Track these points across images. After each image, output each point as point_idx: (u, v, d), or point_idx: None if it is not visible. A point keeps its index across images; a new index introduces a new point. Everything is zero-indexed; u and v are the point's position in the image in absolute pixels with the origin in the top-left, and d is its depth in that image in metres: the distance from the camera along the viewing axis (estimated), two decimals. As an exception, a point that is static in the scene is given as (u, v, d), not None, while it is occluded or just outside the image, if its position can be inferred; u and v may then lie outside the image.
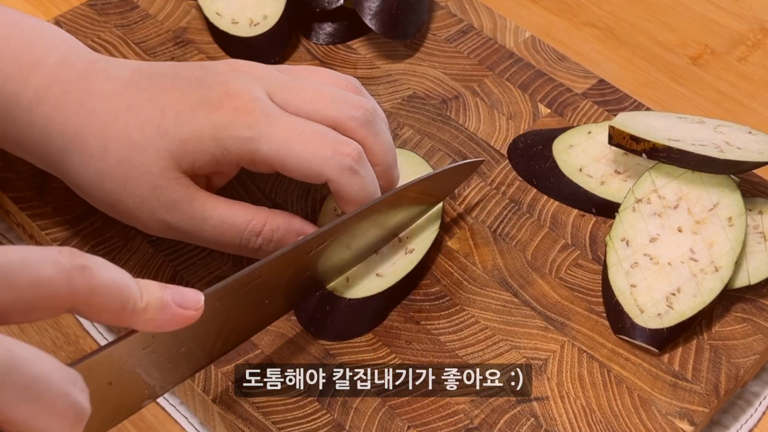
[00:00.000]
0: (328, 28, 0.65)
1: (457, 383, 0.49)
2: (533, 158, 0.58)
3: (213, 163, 0.48)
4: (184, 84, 0.49)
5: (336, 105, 0.49)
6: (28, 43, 0.49)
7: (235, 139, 0.47)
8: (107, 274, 0.34)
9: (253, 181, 0.56)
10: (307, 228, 0.50)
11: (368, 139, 0.49)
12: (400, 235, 0.53)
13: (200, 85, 0.48)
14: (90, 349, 0.53)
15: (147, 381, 0.41)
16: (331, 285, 0.50)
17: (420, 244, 0.52)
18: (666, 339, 0.49)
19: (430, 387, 0.48)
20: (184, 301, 0.37)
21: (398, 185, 0.51)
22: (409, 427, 0.47)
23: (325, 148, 0.47)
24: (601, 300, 0.52)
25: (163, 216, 0.48)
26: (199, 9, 0.65)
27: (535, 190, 0.57)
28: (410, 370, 0.49)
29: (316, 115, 0.49)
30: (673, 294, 0.50)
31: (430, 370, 0.49)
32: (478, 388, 0.49)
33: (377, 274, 0.51)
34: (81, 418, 0.32)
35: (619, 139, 0.53)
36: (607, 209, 0.55)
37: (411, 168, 0.55)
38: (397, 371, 0.49)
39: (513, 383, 0.49)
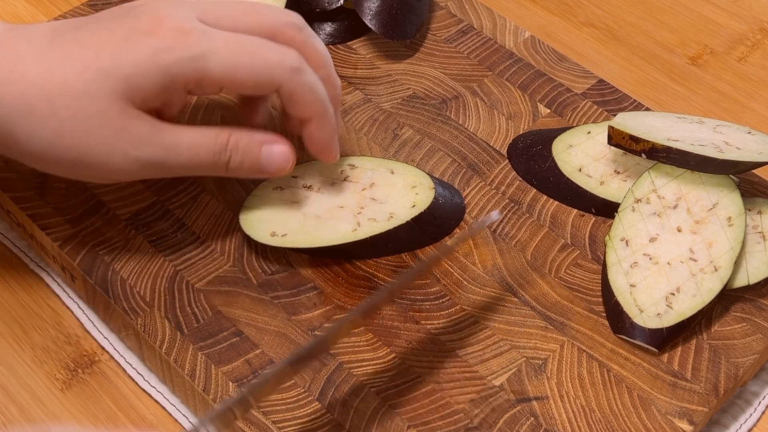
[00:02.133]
0: (328, 28, 0.65)
1: (457, 383, 0.49)
2: (533, 158, 0.58)
3: (162, 93, 0.47)
4: (110, 23, 0.48)
5: (270, 13, 0.50)
6: None
7: (179, 61, 0.47)
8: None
9: (253, 181, 0.56)
10: (270, 138, 0.51)
11: (305, 44, 0.50)
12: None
13: (126, 18, 0.48)
14: (90, 348, 0.53)
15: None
16: None
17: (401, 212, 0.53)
18: (665, 339, 0.49)
19: (430, 387, 0.49)
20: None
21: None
22: (409, 427, 0.47)
23: (271, 54, 0.48)
24: (600, 300, 0.52)
25: (136, 154, 0.47)
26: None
27: (534, 190, 0.57)
28: (410, 369, 0.49)
29: (252, 26, 0.49)
30: (673, 294, 0.50)
31: (430, 370, 0.49)
32: (477, 387, 0.49)
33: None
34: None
35: (618, 139, 0.53)
36: (607, 209, 0.55)
37: (414, 179, 0.55)
38: (397, 371, 0.49)
39: (512, 383, 0.49)
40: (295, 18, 0.51)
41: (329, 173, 0.55)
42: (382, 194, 0.54)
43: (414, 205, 0.53)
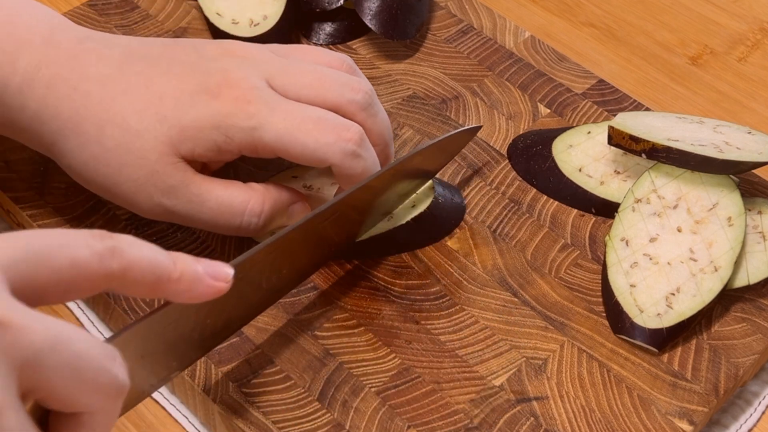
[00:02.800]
0: (328, 28, 0.65)
1: (457, 383, 0.49)
2: (533, 158, 0.58)
3: (215, 151, 0.48)
4: (180, 69, 0.48)
5: (336, 89, 0.50)
6: (9, 23, 0.48)
7: (237, 128, 0.47)
8: (138, 251, 0.35)
9: (252, 181, 0.56)
10: (295, 198, 0.51)
11: (368, 121, 0.50)
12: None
13: (197, 71, 0.48)
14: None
15: (175, 355, 0.42)
16: None
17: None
18: (665, 339, 0.49)
19: (430, 387, 0.49)
20: (216, 274, 0.38)
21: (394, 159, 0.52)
22: (409, 427, 0.47)
23: (327, 135, 0.48)
24: (600, 300, 0.52)
25: (161, 200, 0.48)
26: (200, 9, 0.65)
27: (534, 190, 0.57)
28: (410, 369, 0.49)
29: (317, 99, 0.49)
30: (673, 294, 0.50)
31: (430, 370, 0.49)
32: (477, 387, 0.49)
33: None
34: (121, 392, 0.33)
35: (618, 139, 0.53)
36: (607, 209, 0.55)
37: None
38: (397, 371, 0.49)
39: (513, 383, 0.49)
40: (362, 95, 0.50)
41: (329, 174, 0.55)
42: (384, 195, 0.54)
43: (414, 205, 0.53)
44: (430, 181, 0.54)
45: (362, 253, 0.53)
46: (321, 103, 0.49)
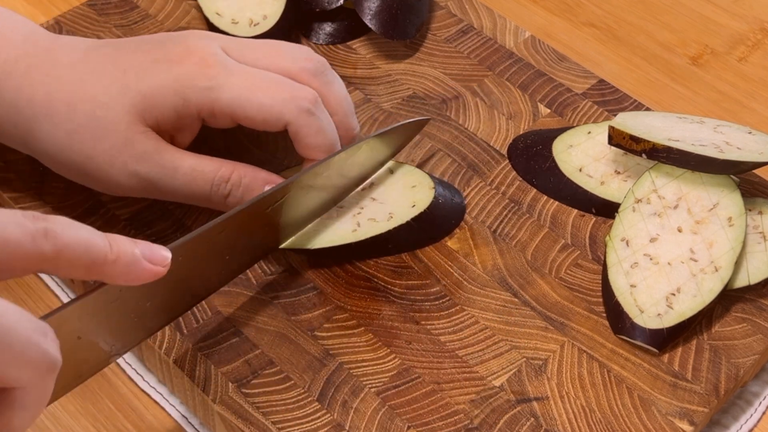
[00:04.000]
0: (328, 28, 0.65)
1: (457, 383, 0.49)
2: (533, 158, 0.58)
3: (175, 116, 0.49)
4: (146, 46, 0.51)
5: (289, 57, 0.52)
6: None
7: (195, 89, 0.49)
8: (73, 232, 0.35)
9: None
10: (274, 178, 0.51)
11: (323, 88, 0.52)
12: (377, 197, 0.54)
13: (161, 45, 0.51)
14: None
15: (114, 336, 0.42)
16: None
17: (401, 213, 0.53)
18: (666, 339, 0.49)
19: (430, 387, 0.49)
20: (153, 257, 0.39)
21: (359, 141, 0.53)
22: (409, 427, 0.47)
23: (283, 92, 0.50)
24: (601, 300, 0.52)
25: (135, 168, 0.49)
26: (199, 9, 0.65)
27: (535, 190, 0.57)
28: (410, 370, 0.49)
29: (272, 66, 0.51)
30: (673, 294, 0.50)
31: (430, 370, 0.49)
32: (477, 388, 0.49)
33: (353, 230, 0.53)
34: (52, 368, 0.33)
35: (618, 139, 0.53)
36: (607, 209, 0.55)
37: (414, 178, 0.55)
38: (397, 371, 0.49)
39: (513, 383, 0.49)
40: (314, 63, 0.52)
41: None
42: (382, 194, 0.54)
43: (414, 205, 0.53)
44: (430, 181, 0.54)
45: (362, 254, 0.53)
46: (276, 70, 0.51)
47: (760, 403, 0.53)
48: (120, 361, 0.53)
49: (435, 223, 0.54)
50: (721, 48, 0.70)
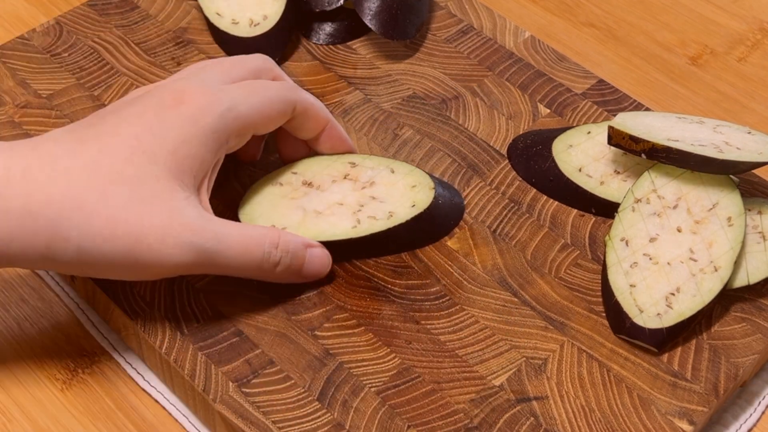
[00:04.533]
0: (328, 28, 0.65)
1: (457, 383, 0.49)
2: (533, 158, 0.58)
3: (210, 155, 0.49)
4: (129, 110, 0.48)
5: (248, 60, 0.53)
6: None
7: (217, 117, 0.48)
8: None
9: (252, 181, 0.56)
10: (309, 240, 0.51)
11: (280, 76, 0.55)
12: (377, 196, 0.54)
13: (146, 101, 0.48)
14: (90, 349, 0.53)
15: None
16: None
17: (402, 212, 0.53)
18: (665, 339, 0.49)
19: (430, 387, 0.49)
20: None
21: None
22: (409, 427, 0.47)
23: (274, 87, 0.52)
24: (600, 300, 0.52)
25: (189, 239, 0.46)
26: (200, 9, 0.65)
27: (534, 190, 0.57)
28: (410, 369, 0.49)
29: (243, 74, 0.52)
30: (673, 294, 0.50)
31: (430, 370, 0.49)
32: (477, 387, 0.49)
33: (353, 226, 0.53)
34: None
35: (618, 139, 0.53)
36: (607, 209, 0.55)
37: (414, 179, 0.55)
38: (397, 371, 0.49)
39: (512, 383, 0.49)
40: (266, 58, 0.54)
41: (329, 170, 0.55)
42: (382, 193, 0.54)
43: (414, 205, 0.53)
44: (431, 181, 0.54)
45: (360, 252, 0.53)
46: (246, 76, 0.52)
47: (760, 402, 0.53)
48: (120, 360, 0.53)
49: (434, 223, 0.54)
50: (720, 48, 0.70)
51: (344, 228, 0.52)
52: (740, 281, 0.51)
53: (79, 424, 0.50)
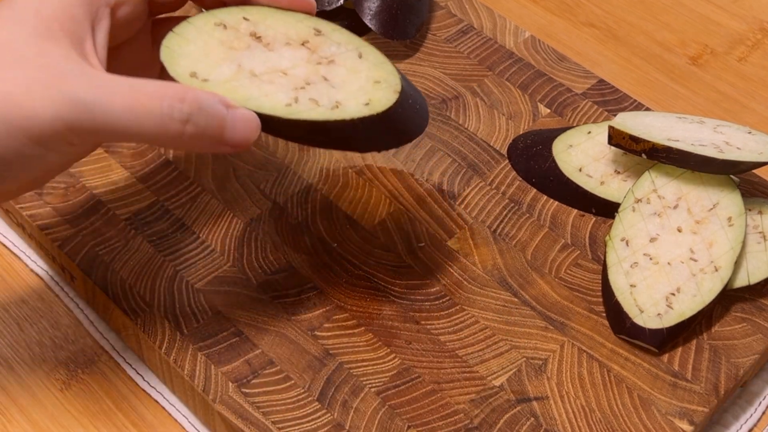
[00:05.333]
0: (328, 28, 0.65)
1: (457, 383, 0.49)
2: (533, 158, 0.58)
3: (79, 9, 0.42)
4: None
5: None
6: None
7: None
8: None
9: (253, 181, 0.56)
10: (227, 99, 0.43)
11: None
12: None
13: None
14: (90, 349, 0.53)
15: None
16: None
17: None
18: (665, 339, 0.49)
19: (430, 387, 0.49)
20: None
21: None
22: (409, 427, 0.47)
23: None
24: (600, 300, 0.52)
25: (61, 87, 0.39)
26: (200, 10, 0.65)
27: (534, 190, 0.57)
28: (410, 369, 0.49)
29: None
30: (673, 294, 0.50)
31: (430, 370, 0.49)
32: (477, 387, 0.49)
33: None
34: None
35: (618, 139, 0.53)
36: (607, 209, 0.55)
37: (381, 73, 0.46)
38: (397, 371, 0.49)
39: (513, 383, 0.49)
40: None
41: (287, 29, 0.46)
42: (338, 77, 0.45)
43: (368, 103, 0.44)
44: (399, 82, 0.46)
45: (292, 137, 0.45)
46: None
47: (760, 402, 0.53)
48: (120, 360, 0.53)
49: (384, 132, 0.45)
50: (720, 48, 0.70)
51: (275, 102, 0.44)
52: (741, 281, 0.51)
53: (78, 424, 0.50)
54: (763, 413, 0.53)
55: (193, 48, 0.45)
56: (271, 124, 0.44)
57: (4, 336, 0.53)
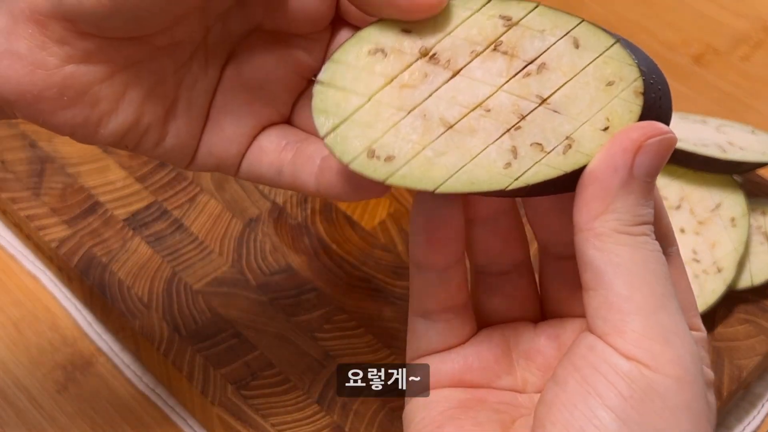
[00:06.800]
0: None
1: (458, 385, 0.48)
2: (534, 158, 0.57)
3: None
4: None
5: None
6: None
7: None
8: None
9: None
10: None
11: None
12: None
13: None
14: (87, 350, 0.53)
15: None
16: None
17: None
18: (668, 340, 0.49)
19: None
20: None
21: None
22: (409, 430, 0.47)
23: None
24: (602, 301, 0.52)
25: None
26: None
27: (536, 190, 0.56)
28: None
29: None
30: (676, 295, 0.50)
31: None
32: (478, 389, 0.48)
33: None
34: None
35: (620, 139, 0.53)
36: (609, 209, 0.55)
37: (613, 68, 0.34)
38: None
39: (514, 385, 0.48)
40: None
41: (465, 30, 0.32)
42: (560, 92, 0.32)
43: (606, 128, 0.31)
44: (639, 76, 0.34)
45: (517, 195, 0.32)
46: None
47: (764, 404, 0.53)
48: (118, 361, 0.52)
49: None
50: (723, 47, 0.70)
51: (490, 167, 0.31)
52: (744, 282, 0.51)
53: (75, 426, 0.50)
54: (767, 415, 0.52)
55: (356, 101, 0.32)
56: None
57: (1, 338, 0.53)
